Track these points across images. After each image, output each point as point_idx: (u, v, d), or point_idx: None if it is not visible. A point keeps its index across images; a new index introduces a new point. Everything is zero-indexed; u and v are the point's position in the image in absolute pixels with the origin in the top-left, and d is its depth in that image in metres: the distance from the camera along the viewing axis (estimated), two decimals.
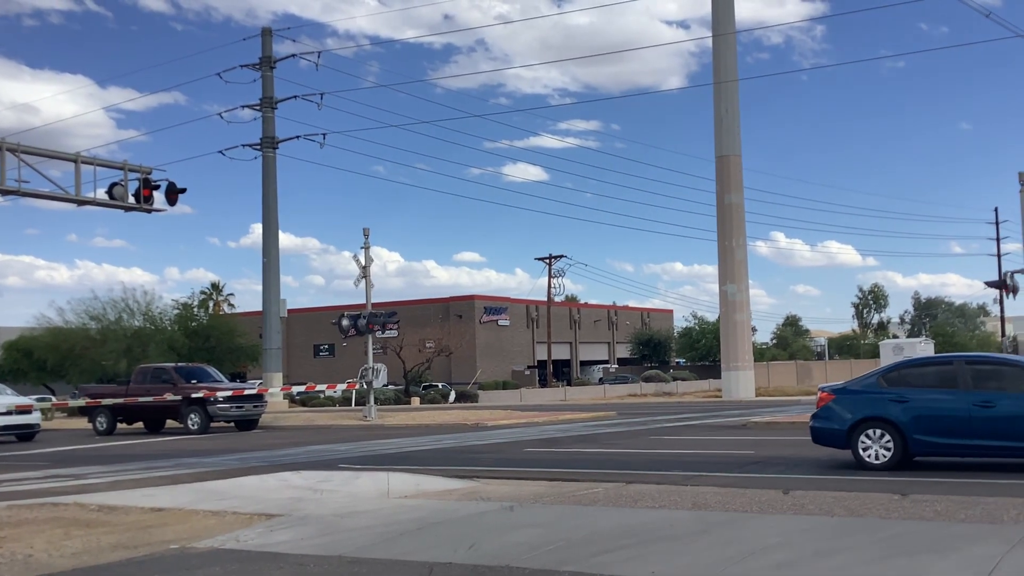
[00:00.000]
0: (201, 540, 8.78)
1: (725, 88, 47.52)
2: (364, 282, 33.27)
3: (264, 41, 43.36)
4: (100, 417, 30.17)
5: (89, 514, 10.56)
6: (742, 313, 48.63)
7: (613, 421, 29.72)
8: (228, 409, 28.99)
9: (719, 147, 48.14)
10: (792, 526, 8.57)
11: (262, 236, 43.80)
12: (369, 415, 32.45)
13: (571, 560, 7.32)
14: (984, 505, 9.43)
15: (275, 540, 8.67)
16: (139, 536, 9.06)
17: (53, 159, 24.31)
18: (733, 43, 48.37)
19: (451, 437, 23.70)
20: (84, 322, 49.12)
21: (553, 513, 9.87)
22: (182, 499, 11.67)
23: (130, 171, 24.48)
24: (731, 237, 47.94)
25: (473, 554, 7.68)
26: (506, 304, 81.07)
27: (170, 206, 25.54)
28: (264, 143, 42.87)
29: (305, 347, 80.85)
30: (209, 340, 50.29)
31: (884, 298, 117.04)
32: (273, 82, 43.16)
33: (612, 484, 12.12)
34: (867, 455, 13.30)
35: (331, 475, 14.22)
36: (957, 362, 13.54)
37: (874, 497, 10.11)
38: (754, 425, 24.45)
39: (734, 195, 47.91)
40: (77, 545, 8.64)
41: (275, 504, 11.03)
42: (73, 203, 24.43)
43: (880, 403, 13.36)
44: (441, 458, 17.74)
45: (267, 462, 17.63)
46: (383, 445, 21.57)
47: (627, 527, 8.75)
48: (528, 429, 26.44)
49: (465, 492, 11.86)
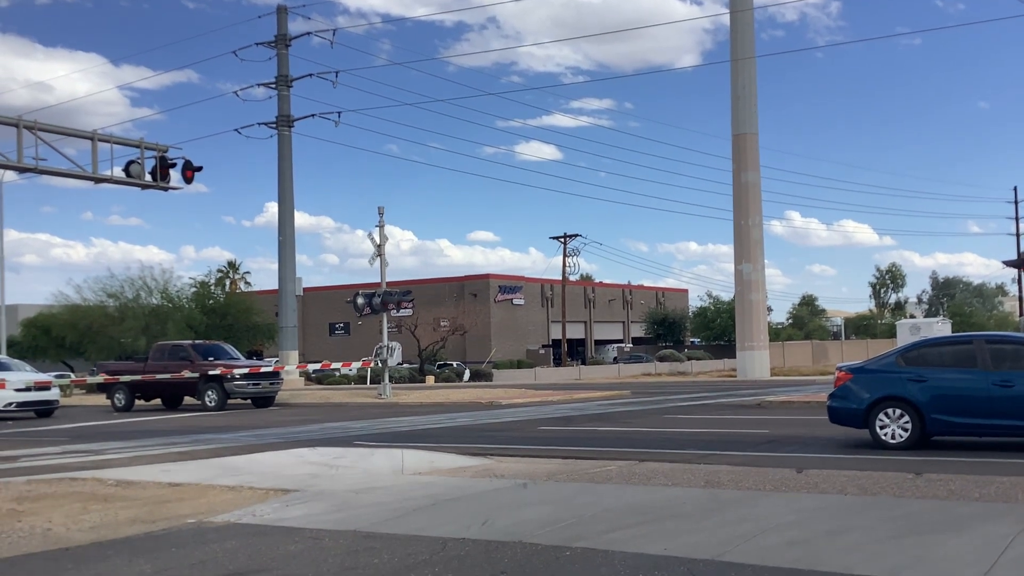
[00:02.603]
0: (218, 515, 8.85)
1: (743, 65, 47.15)
2: (379, 260, 33.33)
3: (279, 19, 43.29)
4: (118, 394, 30.42)
5: (107, 489, 10.66)
6: (757, 293, 48.47)
7: (627, 400, 29.75)
8: (245, 386, 29.19)
9: (736, 125, 47.82)
10: (805, 505, 8.57)
11: (278, 214, 43.89)
12: (384, 393, 32.59)
13: (583, 537, 7.35)
14: (999, 484, 9.40)
15: (291, 515, 8.74)
16: (156, 510, 9.15)
17: (70, 137, 24.41)
18: (751, 20, 47.95)
19: (465, 415, 23.79)
20: (102, 300, 49.47)
21: (566, 490, 9.90)
22: (199, 474, 11.76)
23: (146, 149, 24.55)
24: (747, 216, 47.70)
25: (486, 530, 7.72)
26: (521, 283, 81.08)
27: (187, 184, 25.62)
28: (280, 121, 42.87)
29: (320, 325, 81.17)
30: (226, 318, 50.62)
31: (902, 277, 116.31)
32: (288, 60, 43.14)
33: (625, 462, 12.14)
34: (884, 434, 13.27)
35: (346, 452, 14.30)
36: (976, 342, 13.46)
37: (888, 476, 10.09)
38: (769, 405, 24.42)
39: (751, 173, 47.64)
40: (95, 519, 8.74)
41: (291, 480, 11.10)
42: (90, 180, 24.53)
43: (898, 382, 13.32)
44: (455, 436, 17.82)
45: (283, 439, 17.75)
46: (398, 423, 21.67)
47: (639, 505, 8.77)
48: (542, 408, 26.50)
49: (479, 469, 11.91)
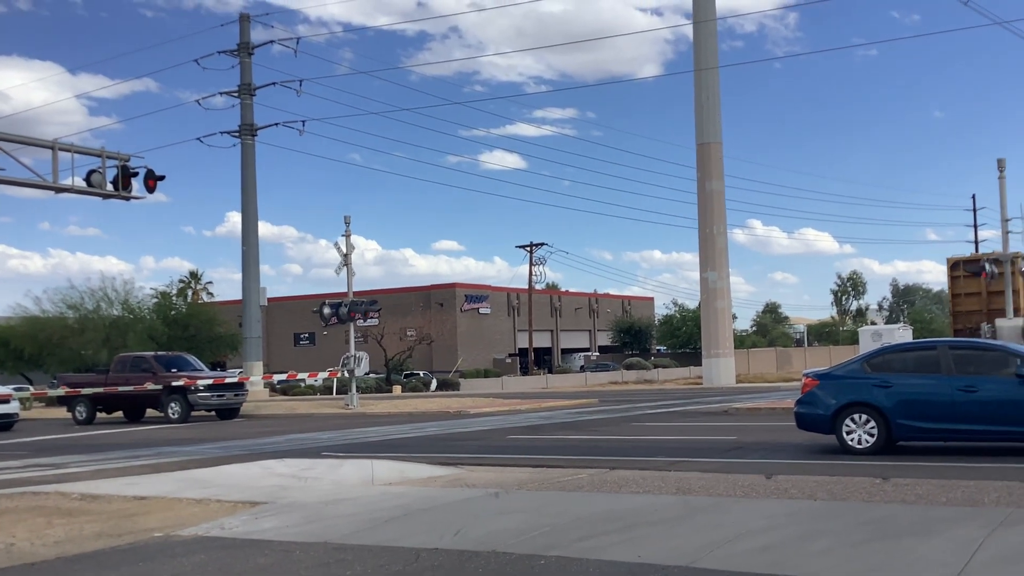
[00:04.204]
0: (185, 528, 8.72)
1: (706, 75, 47.51)
2: (345, 270, 33.14)
3: (242, 27, 43.04)
4: (79, 406, 29.94)
5: (71, 503, 10.48)
6: (723, 300, 48.79)
7: (595, 408, 29.79)
8: (209, 398, 28.83)
9: (700, 134, 48.16)
10: (776, 510, 8.61)
11: (241, 224, 43.57)
12: (351, 403, 32.37)
13: (557, 545, 7.33)
14: (964, 488, 9.51)
15: (260, 527, 8.63)
16: (122, 524, 8.99)
17: (29, 146, 24.01)
18: (714, 30, 48.36)
19: (434, 425, 23.69)
20: (62, 311, 48.74)
21: (538, 499, 9.88)
22: (165, 487, 11.59)
23: (108, 158, 24.18)
24: (712, 224, 48.02)
25: (459, 540, 7.67)
26: (487, 292, 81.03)
27: (149, 193, 25.22)
28: (243, 130, 42.57)
29: (285, 336, 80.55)
30: (189, 329, 50.06)
31: (862, 285, 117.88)
32: (251, 68, 42.86)
33: (596, 470, 12.15)
34: (851, 440, 13.38)
35: (315, 463, 14.17)
36: (940, 347, 13.62)
37: (856, 481, 10.17)
38: (736, 411, 24.56)
39: (715, 182, 47.98)
40: (59, 534, 8.57)
41: (259, 492, 10.98)
42: (50, 190, 24.09)
43: (864, 388, 13.44)
44: (425, 446, 17.73)
45: (250, 450, 17.55)
46: (366, 433, 21.52)
47: (612, 512, 8.77)
48: (510, 416, 26.46)
49: (449, 479, 11.85)
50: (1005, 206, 45.40)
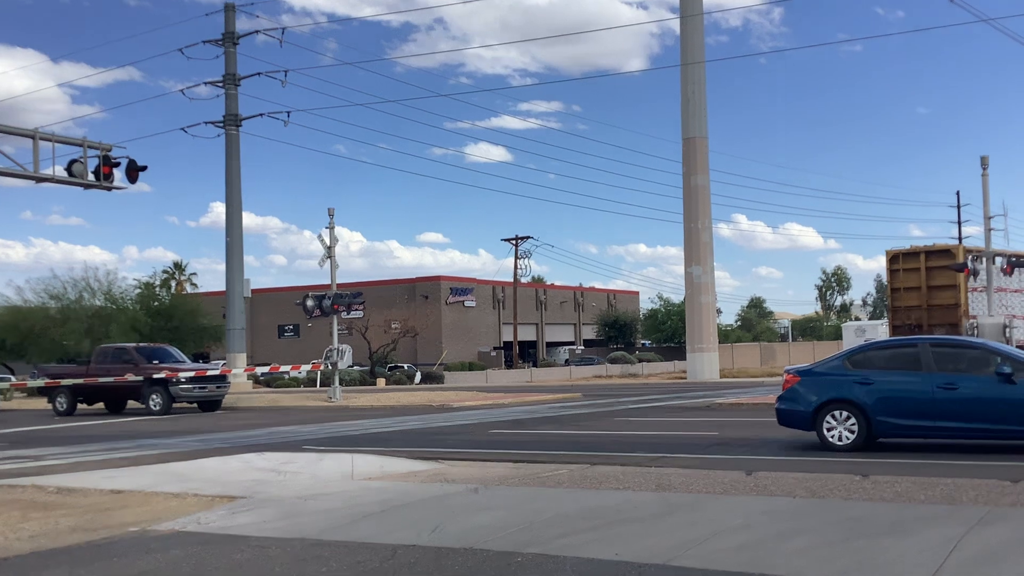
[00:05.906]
0: (161, 522, 8.66)
1: (692, 69, 47.55)
2: (329, 262, 33.02)
3: (227, 16, 42.71)
4: (60, 397, 29.75)
5: (47, 496, 10.39)
6: (707, 295, 48.92)
7: (579, 403, 29.81)
8: (191, 390, 28.69)
9: (686, 129, 48.21)
10: (755, 508, 8.61)
11: (225, 215, 43.31)
12: (334, 396, 32.29)
13: (535, 542, 7.30)
14: (943, 486, 9.53)
15: (237, 523, 8.58)
16: (98, 519, 8.92)
17: (9, 135, 23.78)
18: (700, 25, 48.39)
19: (416, 418, 23.64)
20: (44, 301, 48.33)
21: (517, 495, 9.86)
22: (143, 481, 11.51)
23: (89, 148, 23.99)
24: (697, 219, 48.11)
25: (437, 536, 7.64)
26: (472, 285, 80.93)
27: (131, 184, 25.05)
28: (227, 120, 42.29)
29: (269, 327, 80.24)
30: (172, 320, 49.74)
31: (846, 280, 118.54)
32: (236, 58, 42.58)
33: (577, 466, 12.14)
34: (832, 436, 13.42)
35: (295, 457, 14.11)
36: (921, 345, 13.66)
37: (836, 479, 10.19)
38: (719, 407, 24.61)
39: (700, 177, 48.06)
40: (34, 528, 8.50)
41: (237, 486, 10.91)
42: (31, 180, 23.90)
43: (845, 385, 13.48)
44: (406, 440, 17.69)
45: (230, 443, 17.47)
46: (348, 426, 21.46)
47: (591, 509, 8.75)
48: (494, 410, 26.44)
49: (430, 474, 11.82)
50: (988, 203, 45.55)
